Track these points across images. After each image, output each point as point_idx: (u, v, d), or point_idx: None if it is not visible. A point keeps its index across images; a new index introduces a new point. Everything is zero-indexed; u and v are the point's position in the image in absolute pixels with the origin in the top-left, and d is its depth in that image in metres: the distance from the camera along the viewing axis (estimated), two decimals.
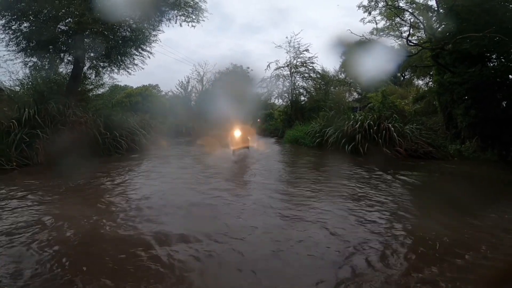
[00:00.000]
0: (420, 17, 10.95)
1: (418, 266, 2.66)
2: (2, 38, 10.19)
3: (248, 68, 25.98)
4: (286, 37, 24.23)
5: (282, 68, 20.06)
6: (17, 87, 11.51)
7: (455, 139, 9.86)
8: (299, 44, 19.35)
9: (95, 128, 9.71)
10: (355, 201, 4.62)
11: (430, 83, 14.10)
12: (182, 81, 26.62)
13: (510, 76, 8.91)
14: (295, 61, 19.76)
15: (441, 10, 10.46)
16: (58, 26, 10.34)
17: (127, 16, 10.82)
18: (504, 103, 9.04)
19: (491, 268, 2.65)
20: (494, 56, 9.32)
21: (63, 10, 9.86)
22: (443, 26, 10.24)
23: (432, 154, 9.53)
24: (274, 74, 20.19)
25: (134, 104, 21.27)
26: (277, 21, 58.10)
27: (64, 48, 11.05)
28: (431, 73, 12.69)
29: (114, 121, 10.76)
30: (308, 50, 19.32)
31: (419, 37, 12.30)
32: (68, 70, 11.86)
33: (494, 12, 7.92)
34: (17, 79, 11.32)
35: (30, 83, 11.49)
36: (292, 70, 19.84)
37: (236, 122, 9.72)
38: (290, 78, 19.99)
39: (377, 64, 10.97)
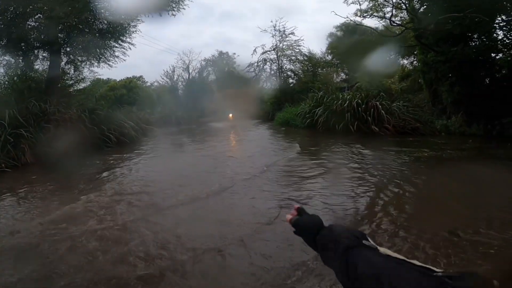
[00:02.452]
0: None
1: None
2: None
3: (234, 54, 25.64)
4: (271, 21, 23.83)
5: (268, 52, 19.87)
6: None
7: (441, 115, 10.12)
8: (284, 27, 19.10)
9: (81, 123, 9.45)
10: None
11: (415, 62, 14.25)
12: (167, 71, 25.86)
13: (492, 54, 9.11)
14: (281, 45, 19.55)
15: None
16: (28, 22, 9.84)
17: (101, 8, 10.34)
18: (487, 80, 9.28)
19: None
20: (475, 36, 9.47)
21: (30, 7, 9.35)
22: (424, 6, 10.29)
23: (419, 130, 9.80)
24: (261, 59, 19.99)
25: (119, 97, 20.70)
26: (258, 7, 56.25)
27: (38, 44, 10.56)
28: (415, 52, 12.81)
29: (100, 115, 10.49)
30: (293, 33, 19.12)
31: (402, 18, 12.34)
32: (45, 67, 11.38)
33: None
34: None
35: (7, 82, 10.97)
36: (279, 54, 19.66)
37: None
38: (277, 62, 19.83)
39: (362, 46, 10.98)
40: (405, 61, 16.42)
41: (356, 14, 12.45)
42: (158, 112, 19.18)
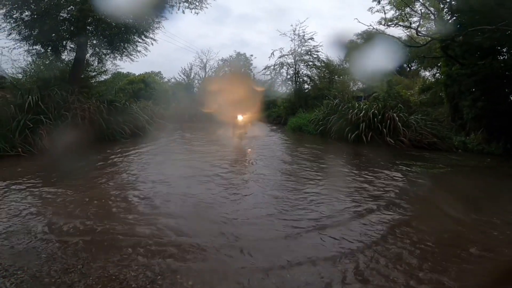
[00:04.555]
0: (431, 8, 10.65)
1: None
2: (4, 27, 10.12)
3: (251, 55, 25.88)
4: (291, 25, 23.77)
5: (286, 56, 19.79)
6: (19, 75, 11.52)
7: (460, 131, 9.75)
8: (304, 32, 18.99)
9: (99, 114, 9.74)
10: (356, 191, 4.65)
11: (437, 74, 13.86)
12: (185, 68, 26.30)
13: None
14: (299, 49, 19.45)
15: (453, 2, 10.14)
16: (60, 13, 10.23)
17: (129, 3, 10.63)
18: (511, 97, 8.90)
19: (493, 262, 2.67)
20: (504, 50, 9.09)
21: None
22: (454, 18, 9.98)
23: (436, 145, 9.46)
24: (278, 62, 19.94)
25: (137, 91, 21.18)
26: (275, 11, 55.86)
27: (67, 36, 10.94)
28: (439, 64, 12.46)
29: (118, 107, 10.81)
30: (313, 38, 18.96)
31: (428, 28, 12.07)
32: (71, 57, 11.80)
33: (508, 5, 7.66)
34: (20, 67, 11.34)
35: (33, 70, 11.45)
36: (297, 58, 19.56)
37: None
38: (294, 66, 19.75)
39: (382, 55, 10.78)
40: (427, 73, 16.04)
41: (380, 23, 12.30)
42: (173, 107, 19.47)
